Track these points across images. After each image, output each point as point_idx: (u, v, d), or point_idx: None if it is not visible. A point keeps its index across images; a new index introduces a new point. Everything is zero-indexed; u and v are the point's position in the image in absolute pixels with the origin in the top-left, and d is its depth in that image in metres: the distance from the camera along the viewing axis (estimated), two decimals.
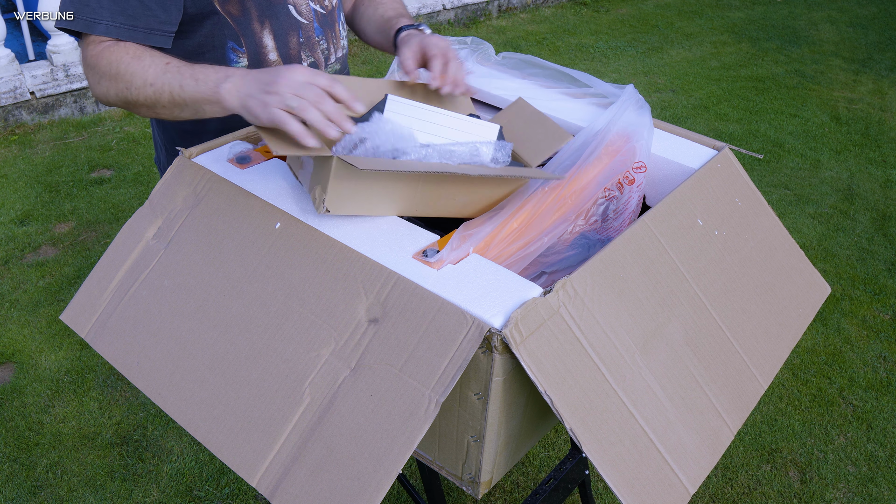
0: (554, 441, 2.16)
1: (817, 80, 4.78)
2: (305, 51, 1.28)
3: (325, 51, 1.31)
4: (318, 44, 1.28)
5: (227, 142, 1.22)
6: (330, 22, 1.31)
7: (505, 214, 1.05)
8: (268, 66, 1.26)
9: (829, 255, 3.05)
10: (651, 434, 0.94)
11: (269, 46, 1.25)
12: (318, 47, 1.29)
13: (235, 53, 1.24)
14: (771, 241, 1.26)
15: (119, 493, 1.95)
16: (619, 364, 0.94)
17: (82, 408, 2.20)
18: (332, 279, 0.95)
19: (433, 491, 1.39)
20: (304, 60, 1.29)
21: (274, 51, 1.26)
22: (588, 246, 1.23)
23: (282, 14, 1.25)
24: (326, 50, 1.31)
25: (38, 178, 3.29)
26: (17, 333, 2.46)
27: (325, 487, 0.86)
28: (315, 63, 1.32)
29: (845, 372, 2.46)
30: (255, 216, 1.05)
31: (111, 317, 1.09)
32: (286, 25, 1.25)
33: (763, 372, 1.12)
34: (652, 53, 5.12)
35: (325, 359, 0.92)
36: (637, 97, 1.28)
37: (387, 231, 1.02)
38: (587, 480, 1.64)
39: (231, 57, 1.24)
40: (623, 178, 1.26)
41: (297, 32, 1.25)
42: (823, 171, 3.69)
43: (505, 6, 5.72)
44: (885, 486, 2.08)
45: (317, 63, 1.32)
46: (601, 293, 0.95)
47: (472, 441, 0.97)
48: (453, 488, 1.96)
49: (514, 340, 0.83)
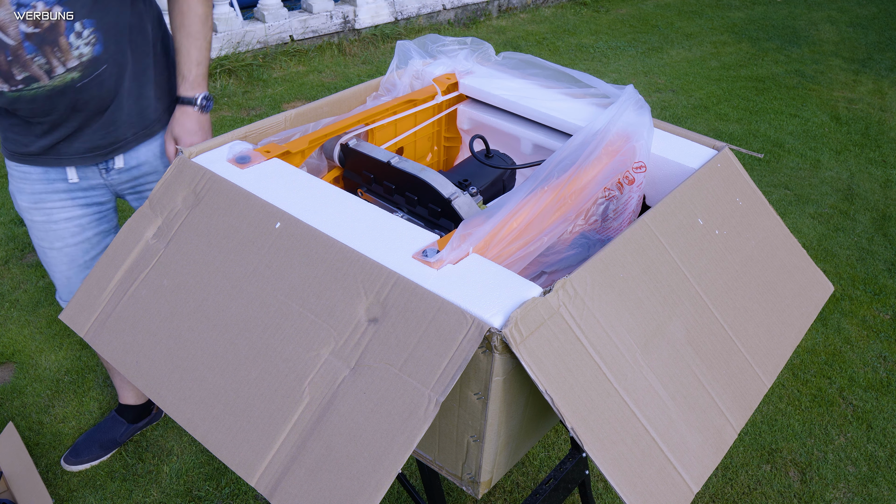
0: (554, 441, 2.16)
1: (817, 80, 4.78)
2: (16, 67, 1.34)
3: (45, 66, 1.36)
4: (31, 61, 1.34)
5: (226, 142, 1.22)
6: (50, 38, 1.35)
7: (505, 214, 1.04)
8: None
9: (829, 255, 3.05)
10: (653, 433, 0.94)
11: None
12: (33, 63, 1.34)
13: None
14: (772, 240, 1.26)
15: (119, 493, 1.95)
16: (620, 363, 0.94)
17: (82, 408, 2.20)
18: (332, 279, 0.95)
19: (433, 491, 1.38)
20: (18, 75, 1.35)
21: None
22: (588, 245, 1.23)
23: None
24: (46, 65, 1.36)
25: None
26: (17, 333, 2.46)
27: (324, 487, 0.85)
28: (31, 76, 1.36)
29: (845, 372, 2.46)
30: (255, 216, 1.05)
31: (111, 316, 1.09)
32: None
33: (766, 371, 1.12)
34: (652, 53, 5.12)
35: (324, 358, 0.91)
36: (637, 97, 1.28)
37: (387, 231, 1.02)
38: (587, 480, 1.64)
39: None
40: (623, 178, 1.26)
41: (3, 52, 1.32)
42: (823, 171, 3.69)
43: (505, 6, 5.72)
44: (885, 486, 2.07)
45: (34, 76, 1.36)
46: (601, 293, 0.95)
47: (471, 441, 0.97)
48: (453, 488, 1.96)
49: (514, 340, 0.83)
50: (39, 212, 1.59)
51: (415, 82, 1.52)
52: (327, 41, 4.82)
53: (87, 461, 2.00)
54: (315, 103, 1.38)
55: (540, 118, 1.42)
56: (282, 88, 4.27)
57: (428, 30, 5.26)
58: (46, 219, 1.60)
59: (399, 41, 1.55)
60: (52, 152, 1.51)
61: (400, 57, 1.54)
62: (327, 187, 1.12)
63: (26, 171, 1.54)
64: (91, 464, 2.01)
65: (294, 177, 1.14)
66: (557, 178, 1.10)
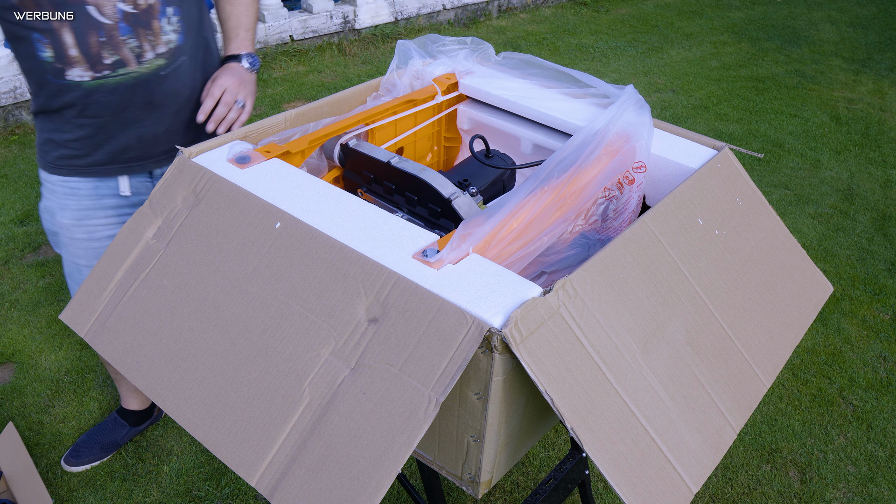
0: (554, 441, 2.16)
1: (817, 80, 4.78)
2: (108, 49, 1.34)
3: (136, 49, 1.36)
4: (124, 42, 1.34)
5: (226, 142, 1.22)
6: (144, 21, 1.36)
7: (505, 214, 1.04)
8: (70, 60, 1.35)
9: (829, 255, 3.05)
10: (653, 433, 0.94)
11: (69, 43, 1.32)
12: (125, 46, 1.35)
13: (41, 44, 1.32)
14: (772, 241, 1.26)
15: (119, 493, 1.95)
16: (620, 363, 0.94)
17: (82, 408, 2.20)
18: (332, 279, 0.95)
19: (433, 491, 1.38)
20: (108, 58, 1.35)
21: (74, 47, 1.33)
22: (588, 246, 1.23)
23: (79, 14, 1.31)
24: (138, 48, 1.36)
25: (38, 178, 3.29)
26: (17, 333, 2.46)
27: (324, 487, 0.85)
28: (121, 60, 1.36)
29: (845, 372, 2.46)
30: (255, 216, 1.05)
31: (111, 316, 1.09)
32: (85, 25, 1.32)
33: (765, 371, 1.12)
34: (652, 53, 5.12)
35: (324, 358, 0.91)
36: (637, 97, 1.28)
37: (387, 231, 1.02)
38: (587, 480, 1.64)
39: (38, 46, 1.33)
40: (623, 178, 1.26)
41: (97, 32, 1.32)
42: (823, 171, 3.69)
43: (505, 6, 5.72)
44: (885, 486, 2.07)
45: (123, 60, 1.37)
46: (601, 293, 0.95)
47: (471, 441, 0.97)
48: (453, 488, 1.96)
49: (514, 340, 0.83)
50: (82, 229, 1.56)
51: (415, 82, 1.52)
52: (327, 41, 4.82)
53: (87, 462, 2.00)
54: (315, 103, 1.38)
55: (540, 118, 1.42)
56: (282, 88, 4.27)
57: (428, 30, 5.26)
58: (89, 236, 1.57)
59: (399, 41, 1.55)
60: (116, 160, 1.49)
61: (400, 57, 1.54)
62: (327, 187, 1.12)
63: (75, 186, 1.51)
64: (91, 465, 2.01)
65: (294, 177, 1.14)
66: (557, 178, 1.10)
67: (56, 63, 1.34)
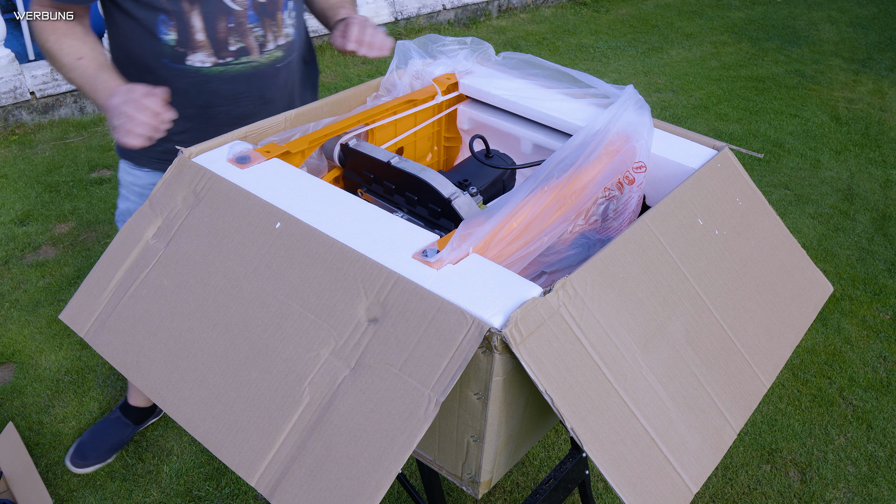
0: (554, 441, 2.16)
1: (817, 80, 4.78)
2: (235, 36, 1.33)
3: (261, 38, 1.36)
4: (250, 30, 1.34)
5: (226, 142, 1.22)
6: (270, 11, 1.36)
7: (505, 214, 1.05)
8: (194, 44, 1.34)
9: (829, 255, 3.05)
10: (653, 433, 0.94)
11: (197, 27, 1.31)
12: (251, 34, 1.34)
13: (165, 26, 1.31)
14: (772, 241, 1.26)
15: (119, 493, 1.95)
16: (620, 363, 0.94)
17: (82, 408, 2.20)
18: (332, 279, 0.95)
19: (433, 491, 1.38)
20: (233, 45, 1.35)
21: (202, 31, 1.32)
22: (588, 246, 1.23)
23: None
24: (262, 37, 1.36)
25: (38, 178, 3.29)
26: (17, 333, 2.46)
27: (324, 487, 0.85)
28: (245, 48, 1.36)
29: (845, 372, 2.46)
30: (255, 216, 1.05)
31: (111, 316, 1.09)
32: (216, 10, 1.31)
33: (765, 371, 1.12)
34: (652, 53, 5.12)
35: (324, 358, 0.91)
36: (637, 97, 1.28)
37: (387, 231, 1.02)
38: (587, 480, 1.64)
39: (161, 28, 1.31)
40: (623, 178, 1.26)
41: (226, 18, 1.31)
42: (823, 171, 3.69)
43: (505, 6, 5.72)
44: (885, 486, 2.07)
45: (247, 48, 1.37)
46: (601, 293, 0.95)
47: (471, 441, 0.97)
48: (453, 488, 1.96)
49: (514, 340, 0.83)
50: None
51: (415, 82, 1.52)
52: (327, 41, 4.82)
53: (94, 464, 2.00)
54: (315, 103, 1.38)
55: (540, 118, 1.42)
56: None
57: (428, 30, 5.26)
58: None
59: (399, 41, 1.55)
60: None
61: (400, 57, 1.54)
62: (327, 187, 1.12)
63: None
64: (97, 466, 2.01)
65: (294, 177, 1.14)
66: (557, 178, 1.11)
67: (178, 47, 1.33)
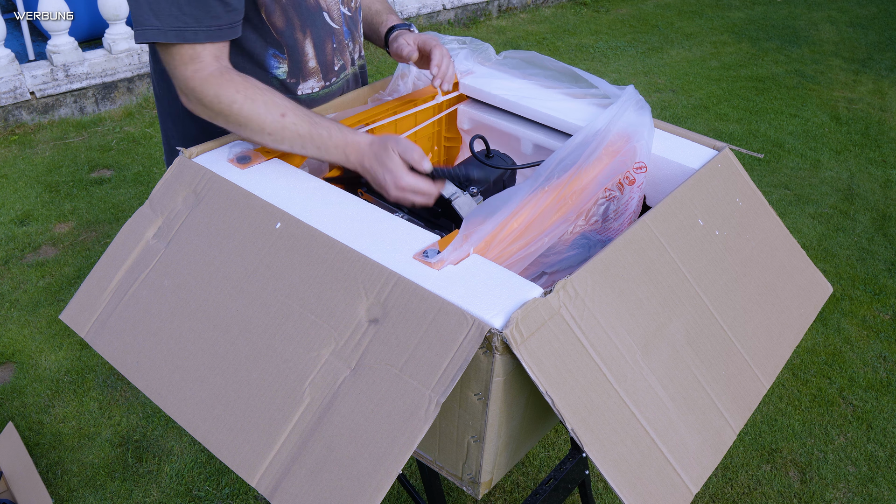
0: (554, 441, 2.16)
1: (817, 80, 4.78)
2: (338, 55, 1.31)
3: (352, 52, 1.34)
4: (346, 47, 1.31)
5: (227, 142, 1.22)
6: (355, 23, 1.34)
7: (505, 214, 1.05)
8: (306, 73, 1.30)
9: (829, 255, 3.05)
10: (653, 434, 0.94)
11: (310, 54, 1.29)
12: (347, 50, 1.32)
13: (277, 60, 1.27)
14: (772, 241, 1.26)
15: (119, 493, 1.95)
16: (620, 364, 0.94)
17: (82, 408, 2.20)
18: (333, 279, 0.95)
19: (433, 491, 1.38)
20: (336, 65, 1.32)
21: (313, 58, 1.29)
22: (588, 246, 1.23)
23: (319, 22, 1.27)
24: (353, 52, 1.34)
25: (38, 178, 3.29)
26: (17, 333, 2.46)
27: (324, 487, 0.85)
28: (344, 64, 1.34)
29: (845, 372, 2.46)
30: (255, 216, 1.05)
31: (111, 316, 1.09)
32: (323, 33, 1.29)
33: (765, 371, 1.12)
34: (652, 53, 5.12)
35: (325, 359, 0.91)
36: (637, 97, 1.28)
37: (387, 231, 1.02)
38: (587, 480, 1.64)
39: (272, 63, 1.27)
40: (623, 179, 1.26)
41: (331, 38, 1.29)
42: (823, 171, 3.69)
43: (505, 6, 5.72)
44: (885, 486, 2.07)
45: (345, 64, 1.34)
46: (602, 293, 0.95)
47: (472, 441, 0.97)
48: (453, 488, 1.96)
49: (515, 341, 0.83)
50: None
51: (417, 82, 1.52)
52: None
53: None
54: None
55: (540, 118, 1.42)
56: None
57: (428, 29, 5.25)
58: None
59: None
60: None
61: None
62: (327, 187, 1.12)
63: None
64: None
65: (294, 177, 1.14)
66: (558, 179, 1.10)
67: (289, 78, 1.30)
